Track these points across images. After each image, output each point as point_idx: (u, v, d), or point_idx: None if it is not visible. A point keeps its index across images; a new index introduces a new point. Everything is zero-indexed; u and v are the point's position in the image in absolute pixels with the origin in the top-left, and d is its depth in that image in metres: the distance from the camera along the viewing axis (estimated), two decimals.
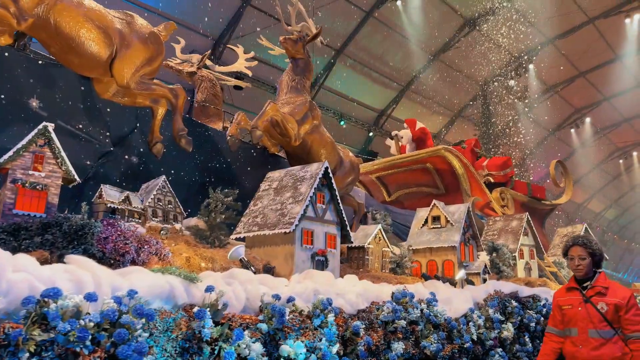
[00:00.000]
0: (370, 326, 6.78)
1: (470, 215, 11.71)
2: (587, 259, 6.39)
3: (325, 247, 8.71)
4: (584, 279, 6.47)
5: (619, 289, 6.37)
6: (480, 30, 38.74)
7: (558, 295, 6.85)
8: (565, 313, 6.54)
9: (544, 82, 44.37)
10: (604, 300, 6.19)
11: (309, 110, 11.43)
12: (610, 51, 41.89)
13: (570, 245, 6.67)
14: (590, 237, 6.73)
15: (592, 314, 6.22)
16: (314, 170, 8.91)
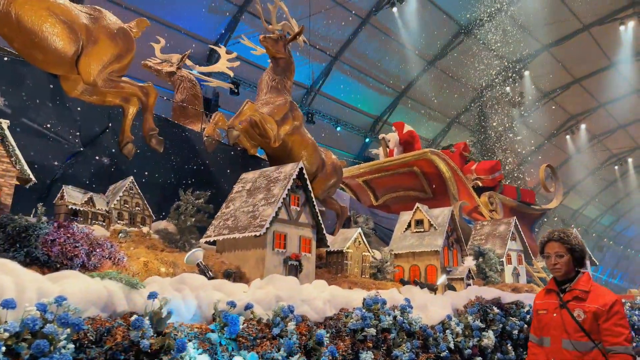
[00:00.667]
0: (337, 335, 6.29)
1: (454, 219, 11.23)
2: (566, 256, 5.52)
3: (300, 251, 8.23)
4: (565, 281, 5.61)
5: (602, 293, 5.43)
6: (475, 37, 38.42)
7: (537, 298, 6.04)
8: (540, 319, 5.74)
9: (539, 88, 43.97)
10: (581, 307, 5.33)
11: (289, 111, 10.95)
12: (605, 58, 41.57)
13: (545, 241, 5.77)
14: (569, 232, 5.73)
15: (567, 322, 5.38)
16: (288, 171, 8.44)
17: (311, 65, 34.49)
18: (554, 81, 43.74)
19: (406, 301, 7.38)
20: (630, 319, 12.67)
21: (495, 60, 40.45)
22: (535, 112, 44.96)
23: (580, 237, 5.87)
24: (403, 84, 40.10)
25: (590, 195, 57.84)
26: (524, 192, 18.42)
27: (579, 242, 5.66)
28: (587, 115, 47.92)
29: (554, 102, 45.68)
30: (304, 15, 31.78)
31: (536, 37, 39.66)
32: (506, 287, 12.00)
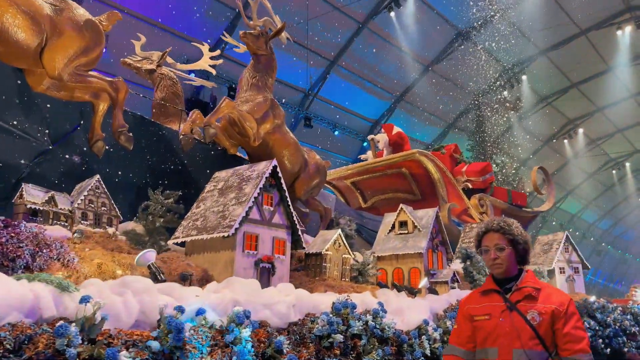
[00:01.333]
0: (301, 341, 5.80)
1: (439, 221, 10.77)
2: (507, 249, 4.58)
3: (273, 253, 7.76)
4: (506, 280, 4.64)
5: (554, 292, 4.61)
6: (473, 42, 37.89)
7: (468, 301, 4.89)
8: (479, 327, 4.62)
9: (537, 93, 43.49)
10: (535, 308, 4.40)
11: (269, 109, 10.47)
12: (602, 62, 41.09)
13: (483, 232, 4.83)
14: (510, 221, 4.79)
15: (519, 327, 4.39)
16: (261, 169, 7.98)
17: (308, 69, 34.13)
18: (551, 85, 43.34)
19: (379, 305, 6.89)
20: (621, 323, 12.17)
21: (493, 65, 40.03)
22: (533, 116, 44.49)
23: (522, 228, 4.86)
24: (401, 88, 39.56)
25: (588, 200, 57.29)
26: (515, 194, 17.85)
27: (522, 234, 4.71)
28: (584, 120, 47.34)
29: (551, 106, 45.17)
30: (302, 19, 31.44)
31: (534, 41, 39.12)
32: None
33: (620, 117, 46.14)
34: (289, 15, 31.34)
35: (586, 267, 14.91)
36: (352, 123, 39.40)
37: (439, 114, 42.47)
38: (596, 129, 48.32)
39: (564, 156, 50.07)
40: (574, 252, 14.86)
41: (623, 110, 45.02)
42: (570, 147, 49.02)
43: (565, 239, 14.79)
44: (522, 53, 39.76)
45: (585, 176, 53.32)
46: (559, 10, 36.16)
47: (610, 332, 11.65)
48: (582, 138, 48.47)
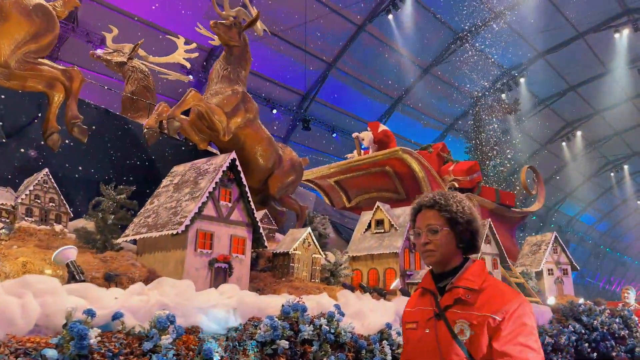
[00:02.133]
0: (241, 349, 5.17)
1: None
2: (443, 230, 3.50)
3: (230, 252, 7.14)
4: (446, 274, 3.56)
5: (498, 293, 3.36)
6: (471, 44, 37.34)
7: (408, 304, 3.89)
8: (407, 338, 3.71)
9: (535, 95, 42.90)
10: (465, 317, 3.28)
11: (241, 102, 9.81)
12: (600, 65, 40.64)
13: (415, 210, 3.76)
14: (450, 194, 3.70)
15: (443, 341, 3.29)
16: (219, 163, 7.34)
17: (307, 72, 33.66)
18: (549, 88, 42.86)
19: (336, 308, 6.24)
20: (609, 326, 11.50)
21: (490, 67, 39.52)
22: (531, 119, 43.88)
23: (470, 204, 3.70)
24: (399, 91, 39.05)
25: (586, 202, 56.55)
26: (503, 194, 17.11)
27: (465, 211, 3.58)
28: (582, 122, 46.76)
29: (549, 109, 44.57)
30: (300, 22, 30.97)
31: (531, 44, 38.72)
32: None
33: (618, 120, 45.54)
34: (287, 17, 30.93)
35: (575, 268, 14.25)
36: (350, 125, 38.79)
37: (437, 116, 41.98)
38: (594, 131, 47.71)
39: (562, 159, 49.43)
40: (562, 254, 14.20)
41: (621, 112, 44.45)
42: (568, 149, 48.41)
43: (553, 240, 14.12)
44: (520, 56, 39.35)
45: (584, 179, 52.65)
46: (556, 13, 35.72)
47: (598, 335, 10.98)
48: (580, 141, 47.88)
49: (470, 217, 3.60)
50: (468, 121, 41.53)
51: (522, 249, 14.75)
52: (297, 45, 32.25)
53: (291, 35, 31.83)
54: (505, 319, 3.21)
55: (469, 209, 3.63)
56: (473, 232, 3.62)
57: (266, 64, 32.59)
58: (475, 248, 3.67)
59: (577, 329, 10.27)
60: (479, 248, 3.76)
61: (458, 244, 3.58)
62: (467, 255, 3.67)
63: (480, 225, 3.70)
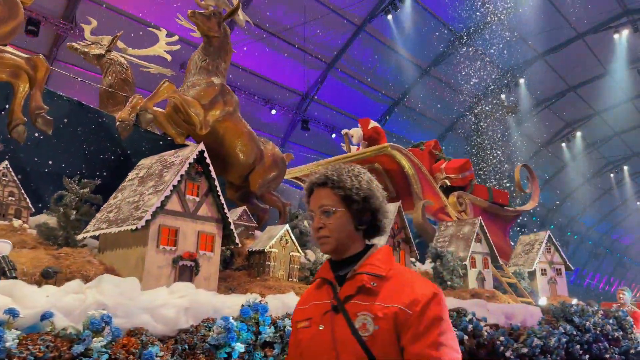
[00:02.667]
0: (191, 353, 4.71)
1: (402, 216, 9.65)
2: (338, 211, 2.91)
3: (197, 249, 6.68)
4: (346, 262, 2.95)
5: (407, 282, 2.77)
6: (471, 45, 36.86)
7: (299, 302, 3.19)
8: (299, 339, 2.97)
9: (534, 96, 42.36)
10: (369, 308, 2.68)
11: (219, 94, 9.35)
12: (600, 66, 40.01)
13: (308, 190, 3.10)
14: (345, 168, 3.04)
15: (341, 341, 2.68)
16: (186, 155, 6.88)
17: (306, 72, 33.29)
18: (549, 89, 42.16)
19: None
20: (603, 328, 11.02)
21: (490, 68, 39.00)
22: (531, 119, 43.30)
23: (370, 178, 3.10)
24: (398, 91, 38.57)
25: (586, 203, 55.86)
26: (496, 192, 16.57)
27: (363, 186, 2.95)
28: (582, 123, 46.15)
29: (549, 109, 44.00)
30: (299, 22, 30.61)
31: (531, 44, 38.18)
32: (466, 293, 10.45)
33: (618, 121, 44.92)
34: (286, 17, 30.56)
35: (569, 268, 13.76)
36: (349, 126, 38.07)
37: (437, 117, 41.44)
38: (594, 132, 47.07)
39: (562, 160, 48.88)
40: (556, 253, 13.72)
41: (621, 113, 43.84)
42: (568, 150, 47.82)
43: (547, 239, 13.64)
44: (519, 56, 38.83)
45: (583, 180, 52.03)
46: (556, 13, 35.19)
47: (590, 337, 10.50)
48: (580, 141, 47.27)
49: (368, 192, 2.97)
50: (467, 122, 41.03)
51: (515, 248, 14.27)
52: (296, 45, 31.81)
53: (290, 35, 31.46)
54: (417, 312, 2.63)
55: (367, 183, 3.00)
56: (373, 211, 2.99)
57: (265, 64, 32.29)
58: (378, 230, 3.07)
59: (568, 331, 9.79)
60: (384, 230, 3.10)
61: (357, 226, 2.96)
62: (371, 239, 3.07)
63: (383, 202, 3.06)
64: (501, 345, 7.94)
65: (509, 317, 8.82)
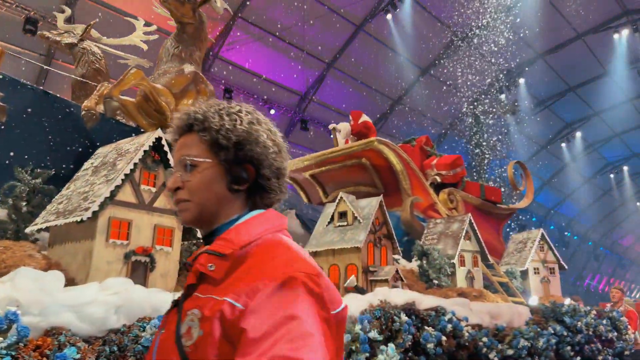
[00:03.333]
0: (121, 355, 4.14)
1: (384, 211, 9.08)
2: (203, 163, 2.04)
3: (153, 243, 6.12)
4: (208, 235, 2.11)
5: (262, 263, 1.83)
6: (470, 45, 36.32)
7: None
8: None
9: (534, 96, 41.79)
10: (200, 304, 1.84)
11: (192, 83, 8.81)
12: (599, 66, 39.38)
13: (173, 139, 2.20)
14: (213, 104, 2.13)
15: (160, 350, 1.92)
16: (142, 142, 6.32)
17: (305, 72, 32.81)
18: (548, 89, 41.57)
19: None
20: (596, 328, 10.44)
21: (490, 68, 38.41)
22: (530, 120, 42.66)
23: (255, 117, 2.14)
24: (398, 91, 38.05)
25: (586, 204, 55.15)
26: (489, 189, 15.87)
27: (238, 127, 2.04)
28: (582, 124, 45.49)
29: (549, 110, 43.37)
30: (298, 21, 30.16)
31: (531, 45, 37.60)
32: (452, 292, 9.85)
33: (617, 121, 44.18)
34: (285, 17, 30.12)
35: (562, 267, 13.16)
36: None
37: (436, 117, 40.86)
38: (594, 132, 46.36)
39: (562, 160, 48.26)
40: (549, 252, 13.12)
41: (621, 114, 43.10)
42: (567, 150, 47.16)
43: (540, 237, 13.05)
44: (519, 56, 38.11)
45: (583, 180, 51.37)
46: (555, 14, 34.69)
47: (582, 338, 9.90)
48: (579, 142, 46.62)
49: (243, 136, 2.04)
50: (467, 122, 40.44)
51: (508, 246, 13.68)
52: (295, 45, 31.35)
53: (289, 35, 31.01)
54: (252, 307, 1.71)
55: (248, 124, 2.07)
56: (254, 163, 2.06)
57: (264, 64, 31.87)
58: (264, 191, 2.11)
59: (558, 331, 9.21)
60: (275, 192, 2.13)
61: (231, 186, 2.06)
62: (258, 203, 2.13)
63: (271, 153, 2.10)
64: (484, 347, 7.36)
65: (495, 317, 8.23)
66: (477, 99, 39.05)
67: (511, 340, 7.98)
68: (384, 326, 6.28)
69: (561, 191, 51.83)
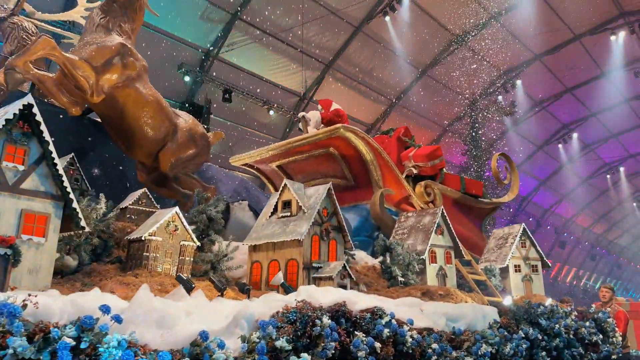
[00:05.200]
0: None
1: (333, 200, 7.69)
2: None
3: (18, 233, 4.78)
4: None
5: None
6: (468, 46, 35.09)
7: None
8: None
9: (531, 97, 40.49)
10: None
11: (117, 55, 7.42)
12: (596, 67, 38.21)
13: None
14: None
15: None
16: (6, 109, 4.96)
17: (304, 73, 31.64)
18: (545, 90, 40.32)
19: (103, 311, 3.74)
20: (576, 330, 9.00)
21: (487, 69, 37.14)
22: (528, 120, 41.39)
23: None
24: (396, 92, 36.77)
25: (582, 204, 53.49)
26: (470, 182, 14.24)
27: None
28: (579, 125, 44.05)
29: (546, 110, 41.98)
30: (297, 23, 28.98)
31: (528, 46, 36.41)
32: (416, 291, 8.45)
33: (614, 122, 42.86)
34: (284, 18, 28.99)
35: (546, 265, 11.69)
36: None
37: (434, 118, 39.60)
38: (590, 133, 44.95)
39: (559, 161, 46.78)
40: (532, 248, 11.65)
41: (617, 115, 41.86)
42: (564, 151, 45.65)
43: (521, 232, 11.59)
44: (516, 58, 37.11)
45: (580, 181, 49.80)
46: (553, 15, 33.52)
47: (561, 342, 8.45)
48: (576, 143, 45.15)
49: None
50: (464, 123, 39.04)
51: (488, 242, 12.21)
52: (294, 46, 30.17)
53: (288, 36, 29.81)
54: None
55: None
56: None
57: (263, 65, 30.79)
58: None
59: (530, 335, 7.76)
60: None
61: None
62: None
63: None
64: (434, 354, 5.94)
65: (453, 320, 6.78)
66: (475, 100, 37.62)
67: (471, 346, 6.55)
68: (300, 332, 4.88)
69: (558, 191, 50.32)
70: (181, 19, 26.57)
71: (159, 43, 26.52)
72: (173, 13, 25.83)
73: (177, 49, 27.44)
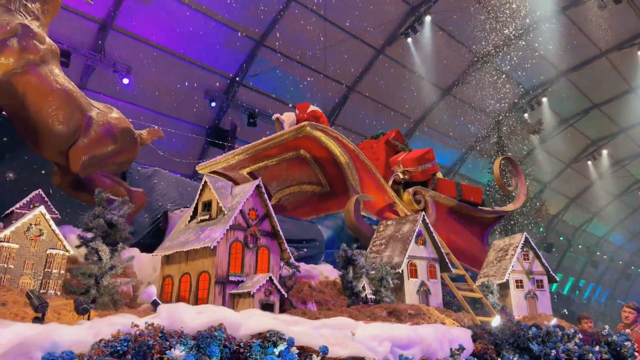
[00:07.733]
0: None
1: (265, 200, 6.03)
2: None
3: None
4: None
5: None
6: (492, 64, 33.44)
7: None
8: None
9: (558, 115, 38.34)
10: None
11: (14, 37, 5.99)
12: (624, 83, 36.01)
13: None
14: None
15: None
16: None
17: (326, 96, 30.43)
18: (573, 107, 38.12)
19: None
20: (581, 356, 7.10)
21: (512, 87, 35.34)
22: (555, 138, 39.14)
23: None
24: (419, 113, 35.25)
25: (614, 222, 50.32)
26: (467, 188, 12.19)
27: None
28: (608, 141, 41.57)
29: (573, 127, 39.69)
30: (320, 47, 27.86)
31: (553, 63, 34.51)
32: (380, 310, 6.72)
33: None
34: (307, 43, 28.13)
35: (553, 279, 9.77)
36: None
37: (459, 137, 37.75)
38: (620, 150, 42.35)
39: (588, 178, 44.12)
40: (536, 260, 9.74)
41: None
42: (594, 168, 43.01)
43: (523, 243, 9.69)
44: (542, 75, 35.33)
45: (611, 198, 46.91)
46: (577, 32, 31.91)
47: None
48: (606, 159, 42.49)
49: None
50: (490, 142, 37.03)
51: (488, 255, 10.34)
52: (317, 70, 29.01)
53: (311, 60, 29.16)
54: None
55: None
56: None
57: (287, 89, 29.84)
58: None
59: None
60: None
61: None
62: None
63: None
64: None
65: (402, 346, 5.02)
66: (500, 119, 35.62)
67: None
68: None
69: (588, 209, 47.48)
70: (207, 47, 26.42)
71: (189, 71, 26.36)
72: (201, 41, 25.89)
73: (204, 76, 27.23)
